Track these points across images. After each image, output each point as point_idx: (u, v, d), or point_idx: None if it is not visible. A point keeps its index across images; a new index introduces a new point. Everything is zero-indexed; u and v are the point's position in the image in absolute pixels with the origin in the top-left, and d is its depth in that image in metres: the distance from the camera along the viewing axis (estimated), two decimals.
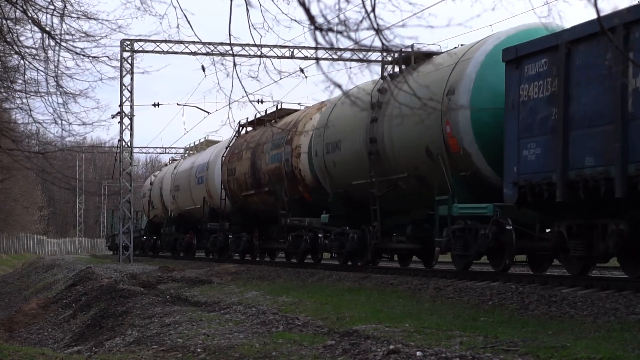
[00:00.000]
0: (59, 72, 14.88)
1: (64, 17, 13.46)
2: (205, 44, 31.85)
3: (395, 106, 17.17)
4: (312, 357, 7.95)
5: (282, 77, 9.60)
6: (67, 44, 13.93)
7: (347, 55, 30.50)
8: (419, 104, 5.87)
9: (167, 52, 34.30)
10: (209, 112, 64.43)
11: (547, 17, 6.14)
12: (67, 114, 16.11)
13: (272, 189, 24.92)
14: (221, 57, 9.13)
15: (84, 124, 16.65)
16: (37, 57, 15.26)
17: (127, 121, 35.36)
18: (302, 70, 23.20)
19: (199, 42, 32.45)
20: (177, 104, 53.79)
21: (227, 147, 30.10)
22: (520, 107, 13.33)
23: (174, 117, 73.09)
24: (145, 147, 69.07)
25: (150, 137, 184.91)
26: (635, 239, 11.69)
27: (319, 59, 5.57)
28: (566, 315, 10.31)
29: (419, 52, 17.98)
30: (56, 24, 13.55)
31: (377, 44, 5.16)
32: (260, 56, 9.63)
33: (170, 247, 39.45)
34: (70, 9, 13.68)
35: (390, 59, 18.72)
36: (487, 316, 10.73)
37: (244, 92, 8.37)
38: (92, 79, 16.31)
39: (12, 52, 16.07)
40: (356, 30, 5.07)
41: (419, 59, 18.11)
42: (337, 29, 4.97)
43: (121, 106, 35.04)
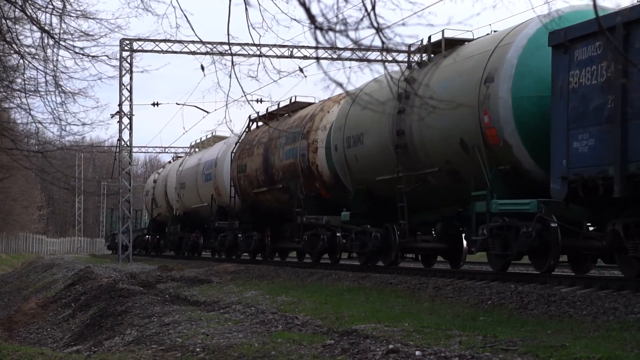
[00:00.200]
0: (57, 71, 14.89)
1: (63, 17, 13.47)
2: (204, 43, 31.87)
3: (427, 95, 16.04)
4: (311, 357, 7.95)
5: (281, 76, 9.61)
6: (66, 43, 13.94)
7: (346, 54, 30.49)
8: (452, 92, 5.77)
9: (166, 52, 34.30)
10: (208, 112, 64.58)
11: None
12: (65, 113, 16.11)
13: (286, 186, 23.84)
14: (220, 56, 9.13)
15: (83, 124, 16.66)
16: (37, 57, 15.27)
17: (126, 120, 35.36)
18: (301, 69, 23.11)
19: (198, 42, 32.47)
20: (177, 104, 53.95)
21: (236, 143, 28.79)
22: (569, 95, 12.38)
23: (173, 116, 73.54)
24: (144, 147, 69.02)
25: (149, 137, 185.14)
26: None
27: (319, 59, 5.57)
28: (565, 314, 10.31)
29: (450, 38, 16.94)
30: (55, 23, 13.56)
31: (377, 43, 5.16)
32: (259, 55, 9.60)
33: (175, 246, 38.39)
34: (69, 8, 13.71)
35: (415, 48, 17.40)
36: (486, 315, 10.74)
37: (244, 92, 8.37)
38: (91, 78, 16.31)
39: (12, 52, 16.07)
40: (356, 29, 5.07)
41: (450, 46, 16.97)
42: (338, 29, 4.97)
43: (120, 105, 35.05)
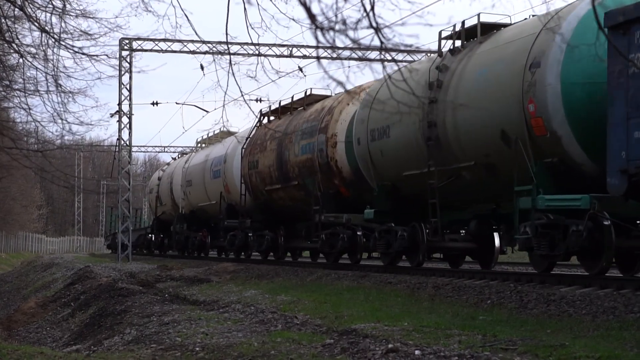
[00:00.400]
0: (57, 71, 14.90)
1: (63, 16, 13.48)
2: (204, 42, 31.87)
3: (462, 84, 15.26)
4: (311, 356, 7.95)
5: (280, 76, 9.60)
6: (65, 43, 13.95)
7: (345, 54, 30.50)
8: (491, 80, 5.58)
9: (166, 51, 34.33)
10: (207, 111, 64.60)
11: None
12: (65, 113, 16.13)
13: (302, 183, 22.70)
14: (220, 55, 9.14)
15: (83, 123, 16.67)
16: (36, 56, 15.28)
17: (125, 120, 35.39)
18: (300, 69, 23.04)
19: (197, 41, 32.51)
20: (176, 103, 54.05)
21: (247, 138, 27.59)
22: (629, 81, 11.40)
23: (172, 115, 73.60)
24: (144, 146, 68.86)
25: (149, 136, 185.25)
26: None
27: (319, 58, 5.58)
28: (565, 314, 10.31)
29: (485, 23, 15.76)
30: (55, 22, 13.56)
31: (376, 42, 5.17)
32: (258, 55, 9.61)
33: (180, 245, 37.08)
34: (69, 7, 13.71)
35: (448, 33, 16.39)
36: (485, 315, 10.73)
37: (243, 91, 8.38)
38: (90, 77, 16.33)
39: (11, 51, 16.07)
40: (355, 28, 5.08)
41: (485, 31, 15.76)
42: (337, 28, 4.98)
43: (120, 105, 35.08)
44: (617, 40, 11.63)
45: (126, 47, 34.36)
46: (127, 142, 35.83)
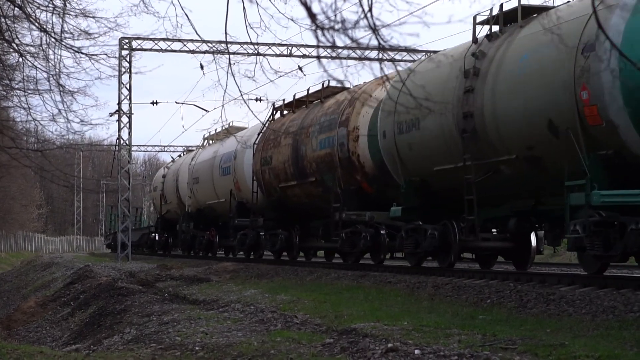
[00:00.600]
0: (59, 70, 14.90)
1: (63, 15, 13.48)
2: (203, 42, 31.88)
3: (502, 71, 14.17)
4: (311, 355, 7.95)
5: (279, 76, 9.60)
6: (65, 42, 13.95)
7: (345, 53, 30.48)
8: (537, 66, 5.26)
9: (166, 50, 34.35)
10: (207, 110, 64.53)
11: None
12: (67, 112, 16.13)
13: (320, 179, 21.57)
14: (219, 55, 9.16)
15: (87, 123, 16.67)
16: (36, 55, 15.28)
17: (125, 119, 35.41)
18: (300, 68, 23.00)
19: (197, 41, 32.53)
20: (176, 102, 54.20)
21: (259, 133, 26.41)
22: None
23: (172, 115, 73.73)
24: (143, 145, 68.95)
25: (148, 135, 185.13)
26: None
27: (320, 57, 5.59)
28: (564, 313, 10.31)
29: (526, 5, 14.76)
30: (54, 22, 13.56)
31: (374, 42, 5.17)
32: (257, 54, 9.61)
33: (186, 245, 35.97)
34: (68, 7, 13.70)
35: (483, 18, 15.37)
36: (485, 314, 10.74)
37: (243, 91, 8.39)
38: (90, 77, 16.32)
39: (11, 50, 16.08)
40: (353, 28, 5.09)
41: (525, 15, 14.66)
42: (338, 27, 4.98)
43: (120, 104, 35.09)
44: None
45: (126, 47, 34.38)
46: (127, 142, 35.85)
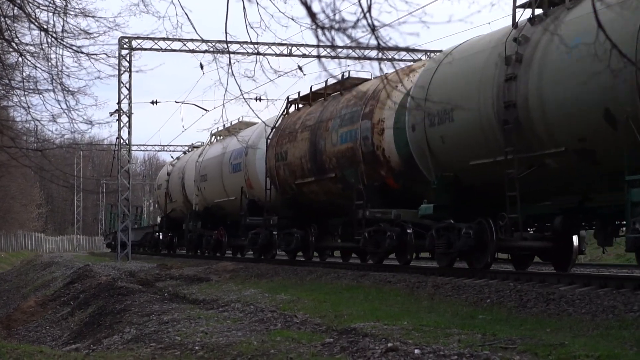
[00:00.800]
0: (61, 70, 14.91)
1: (63, 15, 13.48)
2: (203, 41, 31.88)
3: (549, 57, 13.08)
4: (310, 355, 7.95)
5: (279, 75, 9.60)
6: (65, 42, 13.95)
7: (345, 52, 30.47)
8: (591, 50, 4.58)
9: (165, 50, 34.36)
10: (207, 110, 64.59)
11: None
12: (70, 111, 16.13)
13: (340, 175, 20.50)
14: (219, 54, 9.17)
15: (91, 122, 16.68)
16: (36, 55, 15.27)
17: (125, 119, 35.42)
18: (300, 68, 22.84)
19: (197, 40, 32.53)
20: (176, 102, 54.11)
21: (273, 128, 25.33)
22: None
23: (172, 114, 73.69)
24: (143, 145, 69.08)
25: (148, 135, 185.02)
26: None
27: (320, 57, 5.59)
28: (564, 313, 10.31)
29: None
30: (54, 21, 13.56)
31: (374, 42, 5.18)
32: (257, 54, 9.62)
33: (193, 245, 34.91)
34: (68, 6, 13.71)
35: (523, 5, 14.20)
36: (485, 314, 10.74)
37: (242, 90, 8.39)
38: (89, 76, 16.31)
39: (11, 50, 16.07)
40: (353, 27, 5.09)
41: None
42: (338, 27, 4.99)
43: (119, 104, 35.11)
44: None
45: (126, 46, 34.40)
46: (127, 141, 35.86)
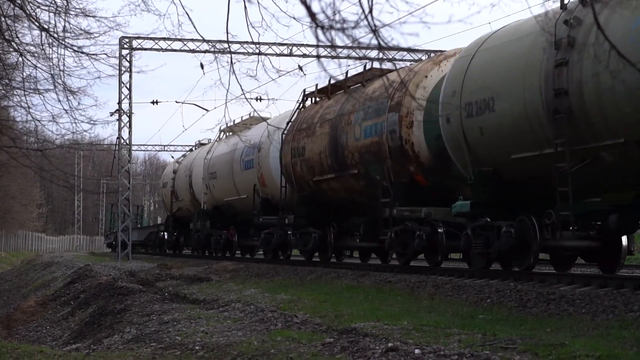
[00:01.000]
0: (63, 69, 14.92)
1: (63, 15, 13.49)
2: (204, 41, 31.85)
3: (613, 38, 11.71)
4: (311, 355, 7.95)
5: (281, 75, 9.62)
6: (65, 42, 13.96)
7: (345, 52, 30.46)
8: None
9: (166, 50, 34.36)
10: (207, 110, 64.53)
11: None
12: (72, 111, 16.13)
13: (363, 171, 19.36)
14: (220, 54, 9.17)
15: (94, 122, 16.70)
16: (36, 55, 15.28)
17: (125, 119, 35.42)
18: (300, 68, 22.84)
19: (197, 40, 32.52)
20: (176, 102, 54.12)
21: (288, 122, 24.07)
22: None
23: (172, 114, 73.67)
24: (143, 145, 69.07)
25: (148, 135, 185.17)
26: None
27: (319, 57, 5.59)
28: (564, 313, 10.31)
29: None
30: (55, 21, 13.57)
31: (374, 42, 5.18)
32: (258, 54, 9.63)
33: (201, 245, 33.78)
34: (69, 6, 13.71)
35: None
36: (485, 314, 10.74)
37: (243, 90, 8.40)
38: (90, 76, 16.31)
39: (11, 50, 16.08)
40: (353, 28, 5.09)
41: None
42: (338, 27, 4.99)
43: (120, 104, 35.12)
44: None
45: (126, 46, 34.40)
46: (127, 141, 35.86)
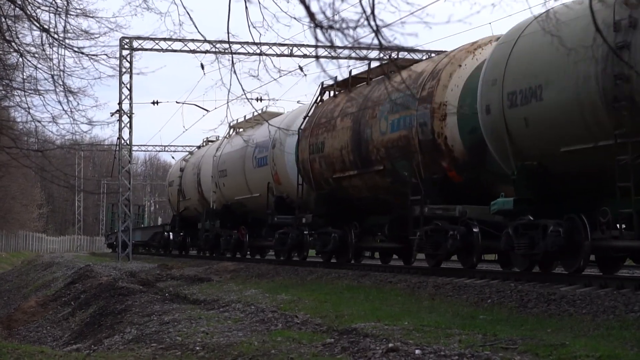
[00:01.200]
0: (59, 70, 14.91)
1: (64, 15, 13.49)
2: (205, 41, 31.85)
3: None
4: (311, 355, 7.95)
5: (282, 75, 9.62)
6: (65, 43, 13.96)
7: (345, 52, 30.43)
8: None
9: (166, 50, 34.36)
10: (208, 110, 64.43)
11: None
12: (72, 112, 16.14)
13: (390, 167, 18.29)
14: (221, 54, 9.19)
15: (93, 122, 16.70)
16: (36, 55, 15.29)
17: (126, 119, 35.43)
18: (301, 68, 22.76)
19: (198, 40, 32.54)
20: (177, 102, 53.99)
21: (305, 117, 23.09)
22: None
23: (173, 115, 73.62)
24: (144, 145, 69.07)
25: (149, 135, 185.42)
26: None
27: (319, 57, 5.59)
28: (565, 313, 10.31)
29: None
30: (56, 22, 13.57)
31: (375, 42, 5.17)
32: (259, 54, 9.65)
33: (210, 245, 32.64)
34: (69, 6, 13.71)
35: None
36: (486, 314, 10.74)
37: (244, 90, 8.41)
38: (90, 77, 16.32)
39: (11, 50, 16.08)
40: (355, 27, 5.08)
41: None
42: (337, 27, 4.98)
43: (120, 104, 35.12)
44: None
45: (126, 47, 34.40)
46: (128, 141, 35.87)
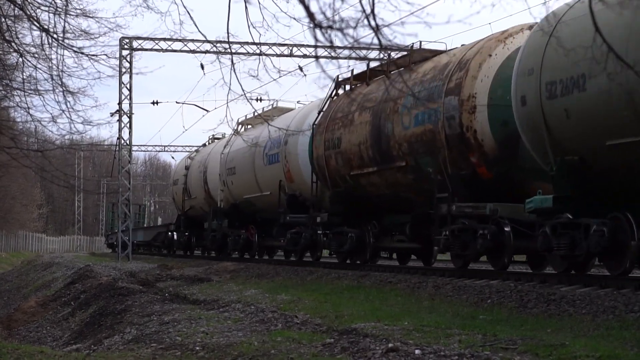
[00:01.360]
0: (59, 70, 14.92)
1: (64, 15, 13.49)
2: (204, 41, 31.85)
3: None
4: (311, 355, 7.95)
5: (282, 75, 9.63)
6: (65, 43, 13.96)
7: (345, 53, 30.39)
8: None
9: (166, 50, 34.37)
10: (207, 110, 64.35)
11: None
12: (70, 112, 16.13)
13: (412, 164, 17.33)
14: (221, 54, 9.20)
15: (89, 122, 16.69)
16: (36, 55, 15.28)
17: (126, 119, 35.44)
18: (301, 68, 22.73)
19: (198, 40, 32.54)
20: (176, 102, 53.96)
21: (320, 112, 22.24)
22: None
23: (172, 115, 73.69)
24: (144, 145, 69.04)
25: (149, 135, 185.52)
26: None
27: (318, 57, 5.59)
28: (565, 313, 10.31)
29: None
30: (55, 22, 13.57)
31: (375, 41, 5.17)
32: (259, 54, 9.65)
33: (217, 245, 31.73)
34: (69, 7, 13.72)
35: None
36: (486, 314, 10.74)
37: (244, 90, 8.41)
38: (90, 77, 16.32)
39: (11, 50, 16.08)
40: (355, 27, 5.08)
41: None
42: (337, 27, 4.98)
43: (120, 104, 35.13)
44: None
45: (126, 47, 34.41)
46: (128, 142, 35.87)
